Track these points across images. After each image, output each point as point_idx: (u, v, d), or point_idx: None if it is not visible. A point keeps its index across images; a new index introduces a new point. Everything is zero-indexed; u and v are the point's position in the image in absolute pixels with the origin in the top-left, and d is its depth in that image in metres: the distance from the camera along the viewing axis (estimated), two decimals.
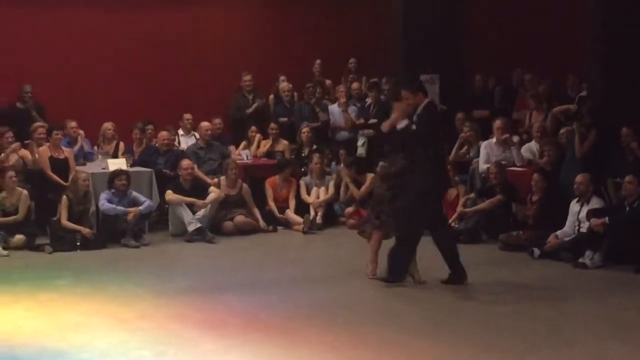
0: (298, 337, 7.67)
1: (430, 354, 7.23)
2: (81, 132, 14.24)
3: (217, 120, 14.74)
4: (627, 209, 10.70)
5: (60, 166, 13.07)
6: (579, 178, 11.09)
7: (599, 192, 11.41)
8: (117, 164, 13.08)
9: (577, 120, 12.11)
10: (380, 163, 10.52)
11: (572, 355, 7.20)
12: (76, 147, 13.91)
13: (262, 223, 13.17)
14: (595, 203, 11.00)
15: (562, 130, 12.85)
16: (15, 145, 12.85)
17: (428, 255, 9.81)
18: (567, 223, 11.14)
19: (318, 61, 16.35)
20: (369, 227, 10.11)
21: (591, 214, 10.76)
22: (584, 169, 11.37)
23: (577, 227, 11.01)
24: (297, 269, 10.64)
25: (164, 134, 13.97)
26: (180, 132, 14.98)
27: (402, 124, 9.51)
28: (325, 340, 7.55)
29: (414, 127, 9.36)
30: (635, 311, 8.57)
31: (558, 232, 11.10)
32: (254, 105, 15.48)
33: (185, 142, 14.72)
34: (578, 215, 11.00)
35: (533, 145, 13.21)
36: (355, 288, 9.54)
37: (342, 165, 14.05)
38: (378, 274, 9.76)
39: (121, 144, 14.32)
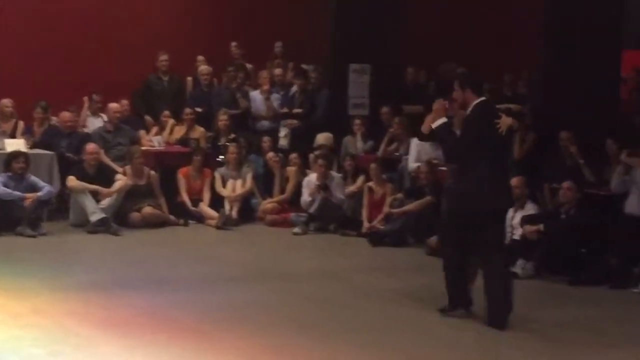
0: (207, 341, 7.61)
1: None
2: None
3: (125, 102, 14.61)
4: (563, 216, 10.85)
5: None
6: (514, 181, 11.16)
7: (535, 198, 11.59)
8: (16, 144, 12.92)
9: (518, 121, 12.20)
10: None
11: None
12: None
13: (170, 216, 13.14)
14: (530, 209, 11.14)
15: None
16: None
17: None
18: None
19: (234, 43, 16.28)
20: None
21: (525, 220, 10.90)
22: (521, 172, 11.51)
23: (509, 234, 11.13)
24: (208, 267, 10.59)
25: (66, 114, 13.79)
26: (88, 113, 14.80)
27: (438, 122, 8.66)
28: (236, 345, 7.51)
29: (457, 131, 8.57)
30: (566, 325, 8.65)
31: None
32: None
33: (92, 124, 14.55)
34: (511, 222, 11.12)
35: None
36: (270, 290, 9.51)
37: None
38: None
39: (20, 123, 14.07)
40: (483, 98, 8.55)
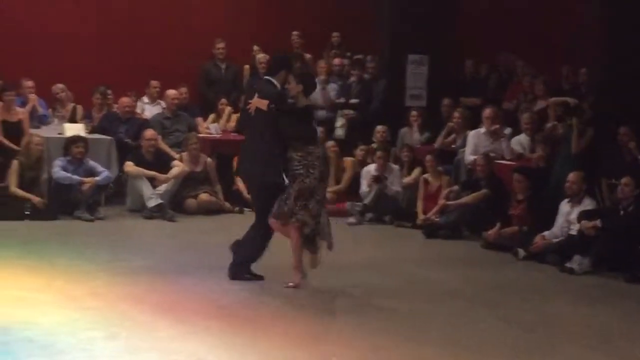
0: (262, 328, 7.64)
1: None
2: (33, 95, 13.97)
3: (183, 89, 14.66)
4: (622, 212, 10.74)
5: (13, 129, 12.95)
6: (571, 177, 11.11)
7: (592, 193, 11.46)
8: (75, 129, 13.04)
9: (577, 115, 12.06)
10: None
11: None
12: (27, 108, 13.68)
13: (225, 203, 13.18)
14: (588, 204, 11.04)
15: (549, 125, 12.92)
16: None
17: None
18: (556, 224, 11.17)
19: (295, 32, 16.28)
20: None
21: (583, 215, 10.80)
22: (578, 167, 11.39)
23: (566, 229, 11.04)
24: (263, 255, 10.58)
25: (124, 100, 13.89)
26: (146, 99, 14.90)
27: None
28: (291, 332, 7.54)
29: None
30: (622, 322, 8.60)
31: (546, 233, 11.13)
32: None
33: (150, 110, 14.64)
34: (568, 217, 11.04)
35: (523, 138, 13.25)
36: (323, 279, 9.49)
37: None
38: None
39: (79, 108, 14.20)
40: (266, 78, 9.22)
